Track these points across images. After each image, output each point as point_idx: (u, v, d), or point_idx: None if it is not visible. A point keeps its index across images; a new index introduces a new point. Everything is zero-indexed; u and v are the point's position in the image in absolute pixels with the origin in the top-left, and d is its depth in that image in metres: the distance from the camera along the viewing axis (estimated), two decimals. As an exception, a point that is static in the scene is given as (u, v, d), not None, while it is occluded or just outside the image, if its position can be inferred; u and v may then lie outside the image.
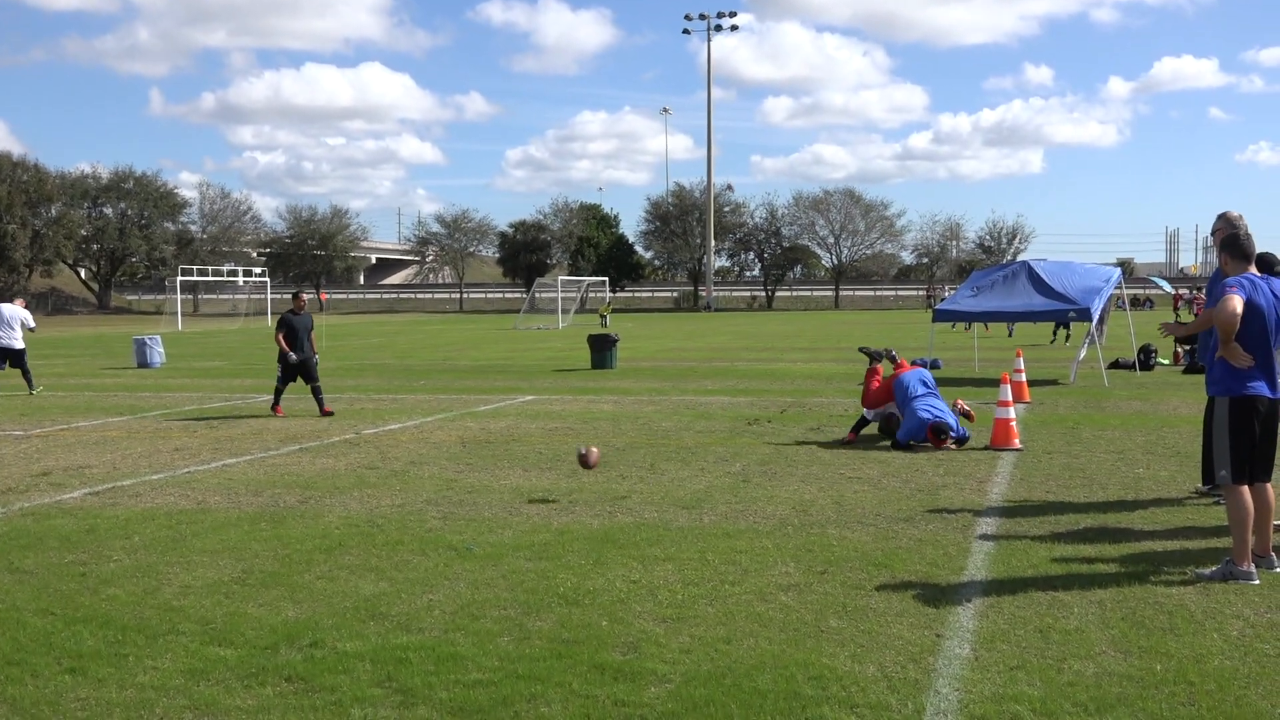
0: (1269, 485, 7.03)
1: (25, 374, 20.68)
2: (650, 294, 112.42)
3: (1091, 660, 5.33)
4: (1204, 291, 21.99)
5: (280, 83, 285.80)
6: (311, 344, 17.05)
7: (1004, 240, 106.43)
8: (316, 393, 16.70)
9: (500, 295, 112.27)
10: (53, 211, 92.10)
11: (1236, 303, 6.73)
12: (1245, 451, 6.85)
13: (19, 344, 20.62)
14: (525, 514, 8.98)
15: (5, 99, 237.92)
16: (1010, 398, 12.50)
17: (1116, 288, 22.84)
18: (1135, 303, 74.07)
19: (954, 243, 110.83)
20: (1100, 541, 7.70)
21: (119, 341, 18.90)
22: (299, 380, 16.94)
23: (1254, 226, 8.08)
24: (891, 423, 12.74)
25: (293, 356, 16.60)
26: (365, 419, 15.88)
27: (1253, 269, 7.13)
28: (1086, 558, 7.27)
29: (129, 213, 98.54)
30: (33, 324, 21.11)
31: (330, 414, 16.29)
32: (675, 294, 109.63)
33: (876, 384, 13.11)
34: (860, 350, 14.90)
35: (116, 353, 18.32)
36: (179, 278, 69.32)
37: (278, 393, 16.91)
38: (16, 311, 20.96)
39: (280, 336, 16.83)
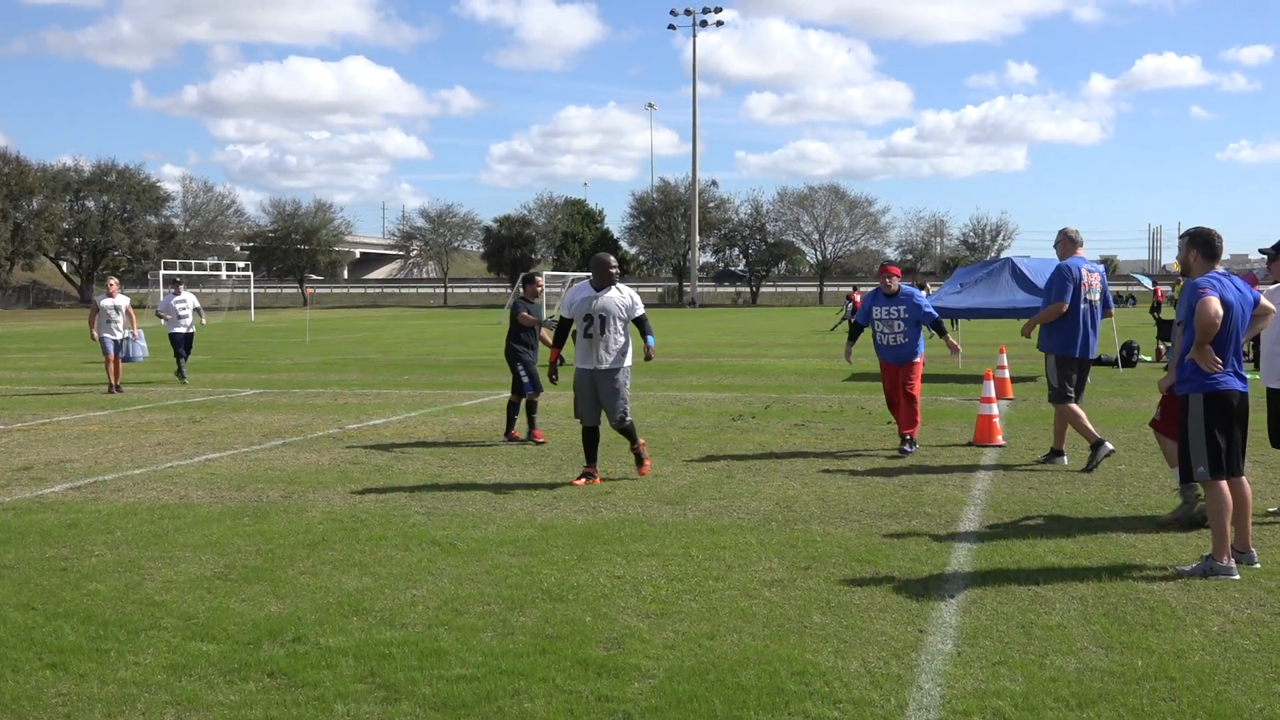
0: (1245, 479, 7.08)
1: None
2: (635, 289, 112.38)
3: (1073, 656, 5.36)
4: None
5: (264, 76, 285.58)
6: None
7: (988, 237, 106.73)
8: (531, 410, 13.17)
9: (485, 290, 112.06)
10: (34, 204, 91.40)
11: (1215, 303, 6.77)
12: (1221, 446, 6.90)
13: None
14: (509, 509, 8.97)
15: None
16: (993, 394, 12.55)
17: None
18: (1118, 300, 74.36)
19: (938, 239, 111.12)
20: (1082, 537, 7.74)
21: (88, 329, 18.87)
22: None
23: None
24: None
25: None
26: (349, 414, 15.84)
27: (1218, 267, 7.18)
28: (1068, 554, 7.30)
29: (111, 206, 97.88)
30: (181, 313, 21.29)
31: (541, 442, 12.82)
32: (660, 289, 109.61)
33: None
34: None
35: (98, 346, 18.33)
36: (162, 271, 68.98)
37: (520, 410, 13.21)
38: (190, 298, 21.64)
39: (545, 334, 13.39)
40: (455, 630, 5.85)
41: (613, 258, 10.51)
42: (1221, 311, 6.78)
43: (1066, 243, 11.04)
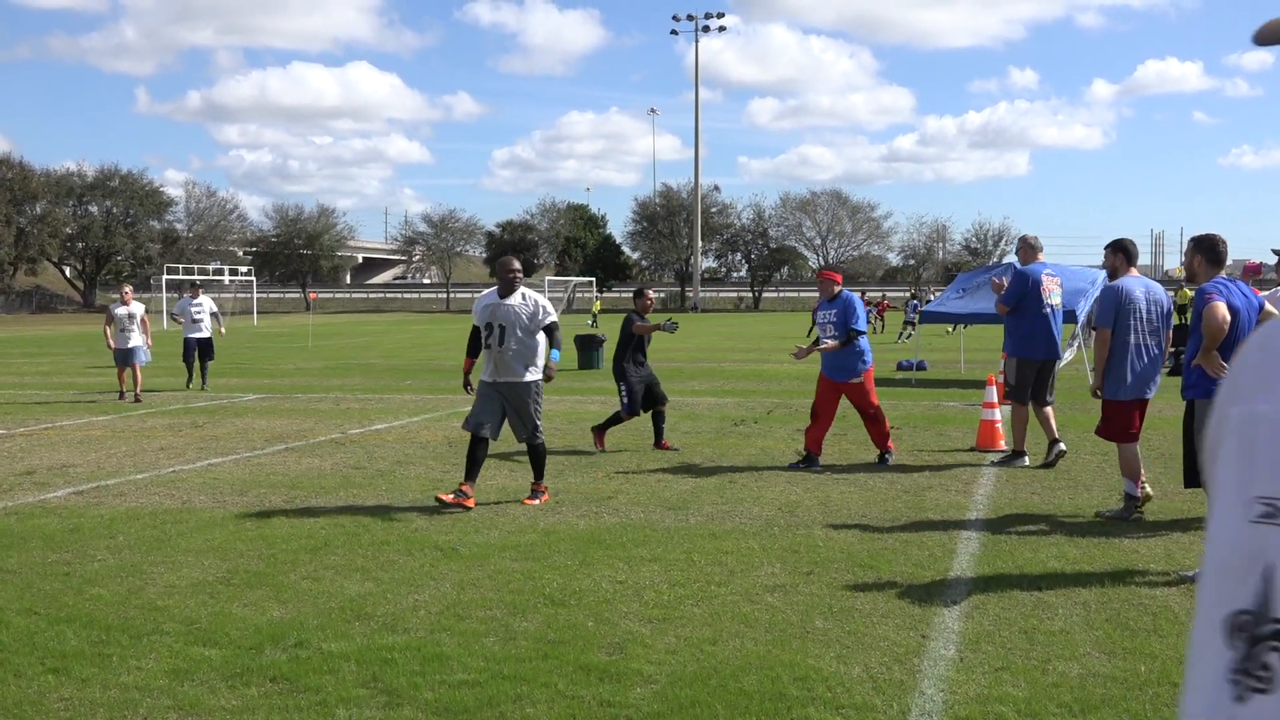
0: None
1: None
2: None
3: (1076, 661, 5.35)
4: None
5: (267, 81, 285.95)
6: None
7: (990, 242, 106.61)
8: (659, 420, 12.79)
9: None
10: (37, 209, 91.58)
11: (1223, 309, 6.77)
12: None
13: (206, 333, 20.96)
14: (511, 514, 8.97)
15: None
16: (996, 399, 12.54)
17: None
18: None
19: (940, 244, 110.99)
20: (1085, 543, 7.73)
21: (103, 340, 18.68)
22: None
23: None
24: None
25: (646, 367, 12.65)
26: (351, 419, 15.85)
27: (1223, 273, 7.19)
28: (1071, 559, 7.30)
29: (114, 211, 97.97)
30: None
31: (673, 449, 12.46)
32: (663, 294, 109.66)
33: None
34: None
35: (101, 351, 18.22)
36: (165, 276, 69.01)
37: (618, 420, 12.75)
38: (206, 301, 21.29)
39: (640, 332, 12.76)
40: (457, 635, 5.85)
41: (515, 260, 9.59)
42: (1229, 317, 6.78)
43: (1027, 250, 11.69)
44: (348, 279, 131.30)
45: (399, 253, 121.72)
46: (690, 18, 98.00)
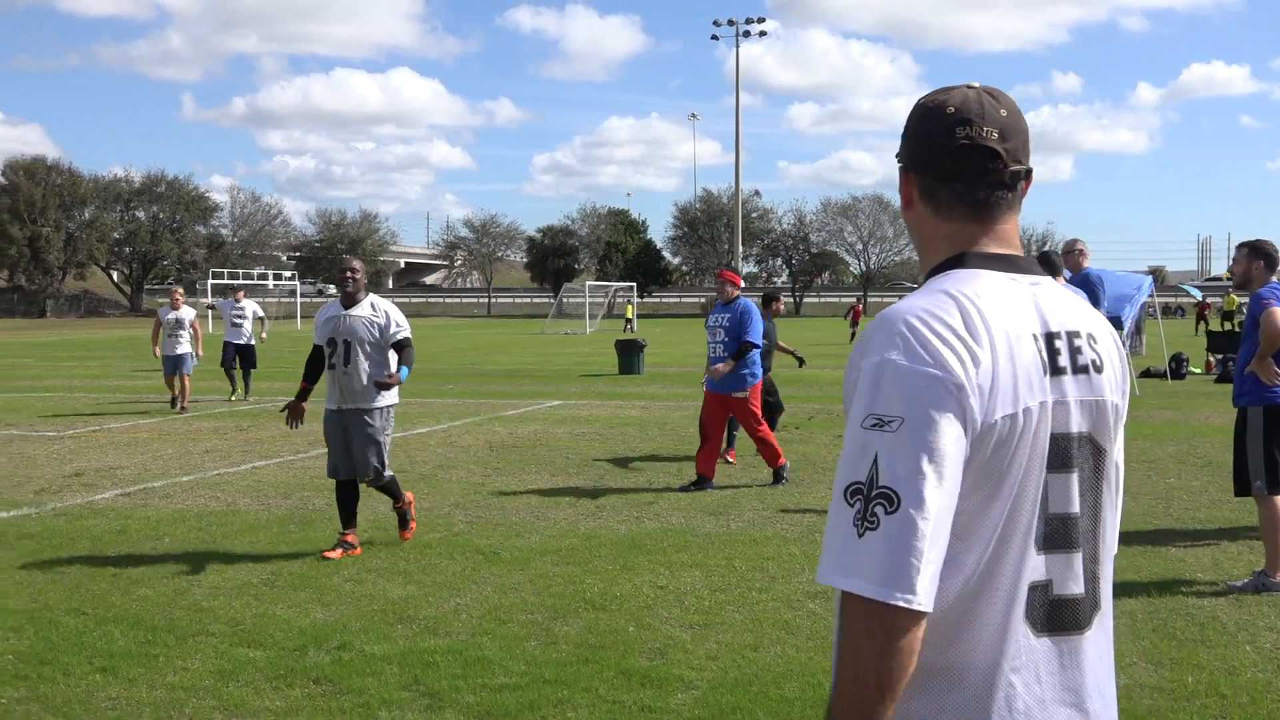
0: None
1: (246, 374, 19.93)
2: (678, 299, 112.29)
3: (1122, 672, 5.29)
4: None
5: (310, 87, 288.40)
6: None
7: (1034, 248, 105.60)
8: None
9: (528, 300, 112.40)
10: (86, 214, 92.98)
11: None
12: None
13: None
14: (552, 518, 8.99)
15: (41, 103, 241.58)
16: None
17: (1149, 296, 22.67)
18: (1167, 311, 73.49)
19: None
20: (1131, 551, 7.64)
21: (150, 344, 18.58)
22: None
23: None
24: None
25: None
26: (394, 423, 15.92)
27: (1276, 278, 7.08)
28: (1117, 568, 7.16)
29: (161, 216, 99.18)
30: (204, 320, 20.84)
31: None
32: (703, 299, 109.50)
33: None
34: None
35: (147, 355, 18.32)
36: (210, 281, 69.77)
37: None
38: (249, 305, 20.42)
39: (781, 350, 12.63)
40: (499, 639, 5.87)
41: (355, 261, 8.15)
42: None
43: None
44: (390, 284, 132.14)
45: (441, 258, 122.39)
46: (730, 22, 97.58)
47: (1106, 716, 1.84)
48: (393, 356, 8.03)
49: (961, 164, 1.81)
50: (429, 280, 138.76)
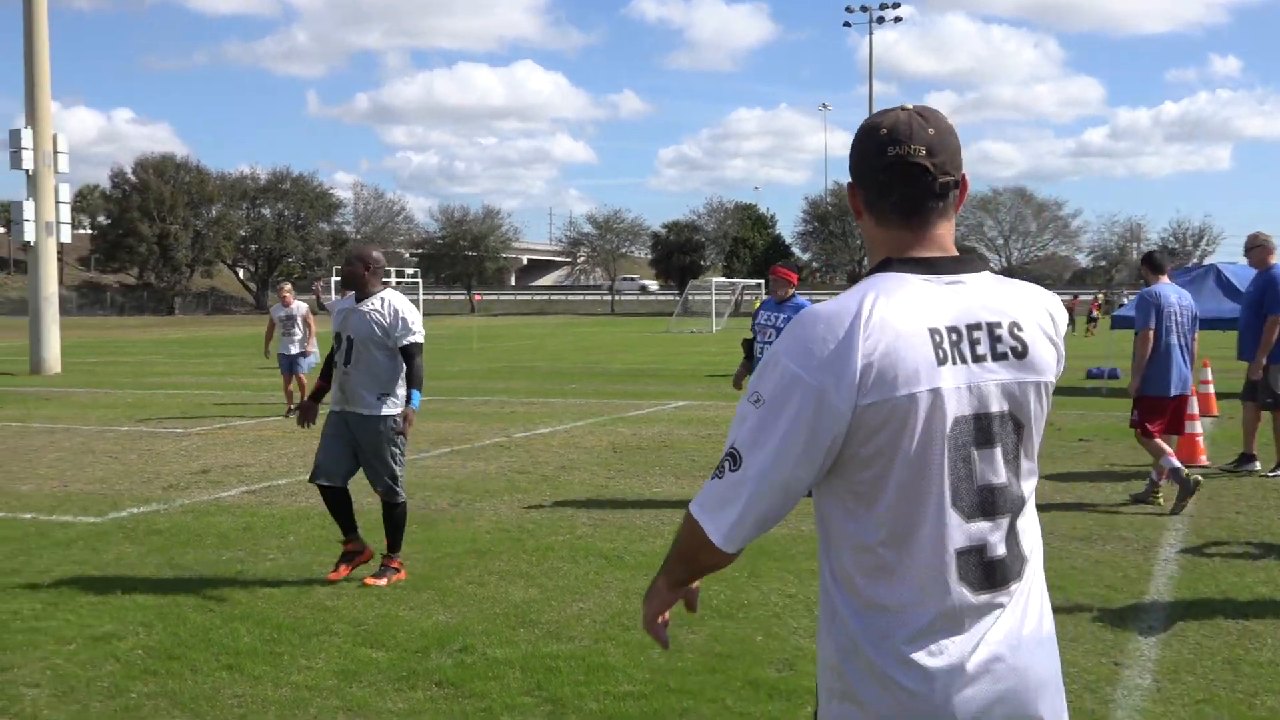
0: None
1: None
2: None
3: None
4: None
5: (433, 83, 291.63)
6: None
7: (1190, 243, 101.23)
8: None
9: (653, 297, 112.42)
10: (213, 212, 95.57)
11: None
12: None
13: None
14: (676, 523, 8.81)
15: (169, 102, 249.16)
16: (1195, 410, 11.78)
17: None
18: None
19: (1134, 245, 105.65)
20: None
21: (274, 342, 18.39)
22: None
23: None
24: None
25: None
26: (515, 422, 15.96)
27: None
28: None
29: (285, 213, 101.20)
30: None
31: None
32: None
33: None
34: None
35: (272, 352, 18.55)
36: (334, 278, 71.25)
37: None
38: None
39: None
40: (623, 645, 5.72)
41: (367, 249, 7.45)
42: None
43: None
44: (512, 281, 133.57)
45: (564, 254, 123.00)
46: (864, 9, 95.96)
47: (1040, 663, 2.06)
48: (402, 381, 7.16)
49: (894, 178, 2.08)
50: (545, 280, 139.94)
